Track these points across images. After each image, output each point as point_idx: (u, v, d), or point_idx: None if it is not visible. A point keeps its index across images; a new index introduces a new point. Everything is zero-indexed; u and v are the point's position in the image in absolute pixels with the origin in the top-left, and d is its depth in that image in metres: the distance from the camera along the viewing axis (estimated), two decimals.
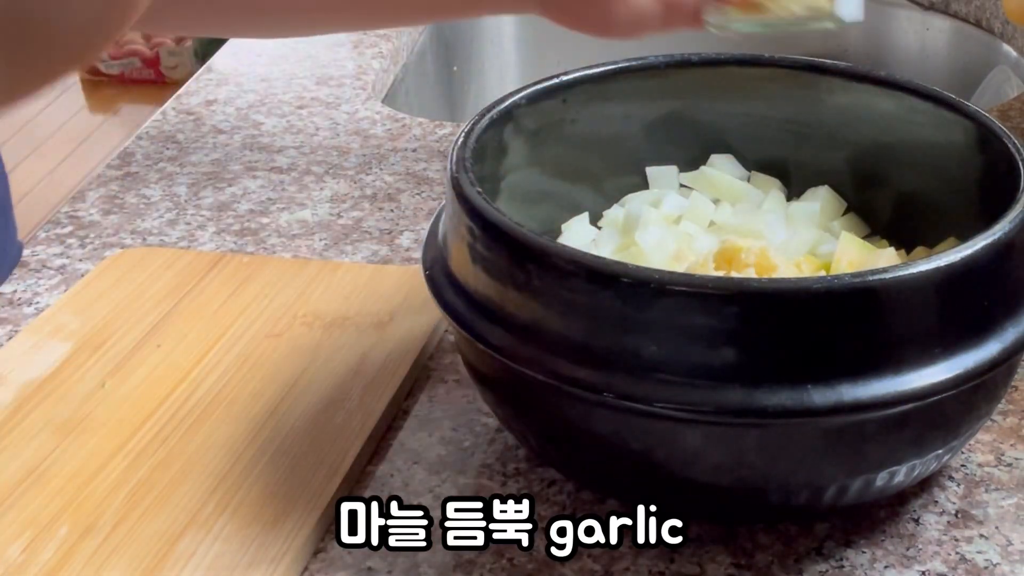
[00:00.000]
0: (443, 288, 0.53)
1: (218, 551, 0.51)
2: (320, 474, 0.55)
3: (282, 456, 0.56)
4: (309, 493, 0.54)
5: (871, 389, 0.46)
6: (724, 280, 0.47)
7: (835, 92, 0.61)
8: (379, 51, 1.07)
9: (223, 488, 0.54)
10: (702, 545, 0.52)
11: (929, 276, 0.46)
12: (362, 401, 0.59)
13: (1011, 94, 1.00)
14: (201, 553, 0.51)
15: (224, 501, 0.54)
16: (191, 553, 0.51)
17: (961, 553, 0.52)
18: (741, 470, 0.48)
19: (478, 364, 0.54)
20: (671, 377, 0.46)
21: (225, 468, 0.55)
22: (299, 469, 0.55)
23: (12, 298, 0.71)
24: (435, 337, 0.65)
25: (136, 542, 0.52)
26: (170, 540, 0.52)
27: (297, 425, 0.58)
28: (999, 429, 0.58)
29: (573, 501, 0.55)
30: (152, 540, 0.52)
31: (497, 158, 0.59)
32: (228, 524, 0.52)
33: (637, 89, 0.62)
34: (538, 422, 0.52)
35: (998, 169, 0.54)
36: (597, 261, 0.47)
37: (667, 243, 0.57)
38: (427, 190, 0.81)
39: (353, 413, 0.58)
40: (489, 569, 0.51)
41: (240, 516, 0.53)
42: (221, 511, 0.53)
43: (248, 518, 0.53)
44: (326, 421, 0.58)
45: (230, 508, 0.53)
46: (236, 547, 0.51)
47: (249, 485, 0.54)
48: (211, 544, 0.51)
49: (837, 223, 0.61)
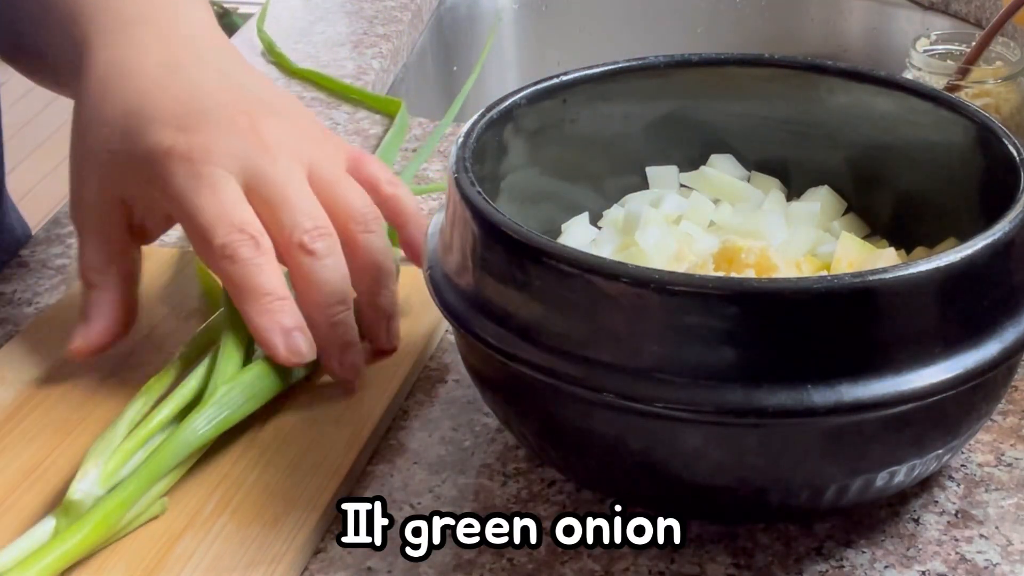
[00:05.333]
0: (443, 288, 0.53)
1: (218, 551, 0.51)
2: (320, 474, 0.55)
3: (282, 456, 0.56)
4: (309, 493, 0.54)
5: (871, 389, 0.46)
6: (724, 280, 0.47)
7: (835, 92, 0.61)
8: (379, 51, 1.07)
9: (223, 488, 0.54)
10: (702, 545, 0.52)
11: (929, 276, 0.46)
12: (363, 401, 0.59)
13: None
14: (201, 553, 0.51)
15: (224, 501, 0.54)
16: (191, 553, 0.51)
17: (961, 553, 0.52)
18: (741, 470, 0.48)
19: (478, 364, 0.54)
20: (671, 377, 0.46)
21: (225, 468, 0.55)
22: (299, 469, 0.55)
23: (12, 298, 0.71)
24: (436, 337, 0.65)
25: (135, 542, 0.52)
26: (170, 540, 0.52)
27: (297, 425, 0.58)
28: (999, 429, 0.58)
29: (573, 501, 0.55)
30: (152, 540, 0.52)
31: (497, 158, 0.59)
32: (228, 524, 0.52)
33: (637, 89, 0.62)
34: (538, 422, 0.52)
35: (998, 169, 0.54)
36: (597, 261, 0.47)
37: (667, 243, 0.57)
38: None
39: (354, 413, 0.58)
40: (489, 569, 0.51)
41: (240, 516, 0.53)
42: (221, 511, 0.53)
43: (248, 518, 0.53)
44: (326, 421, 0.58)
45: (230, 508, 0.53)
46: (236, 547, 0.51)
47: (249, 485, 0.54)
48: (211, 544, 0.51)
49: (837, 223, 0.61)
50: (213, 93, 0.60)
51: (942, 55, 0.82)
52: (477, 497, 0.55)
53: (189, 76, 0.61)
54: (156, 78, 0.60)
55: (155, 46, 0.62)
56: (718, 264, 0.54)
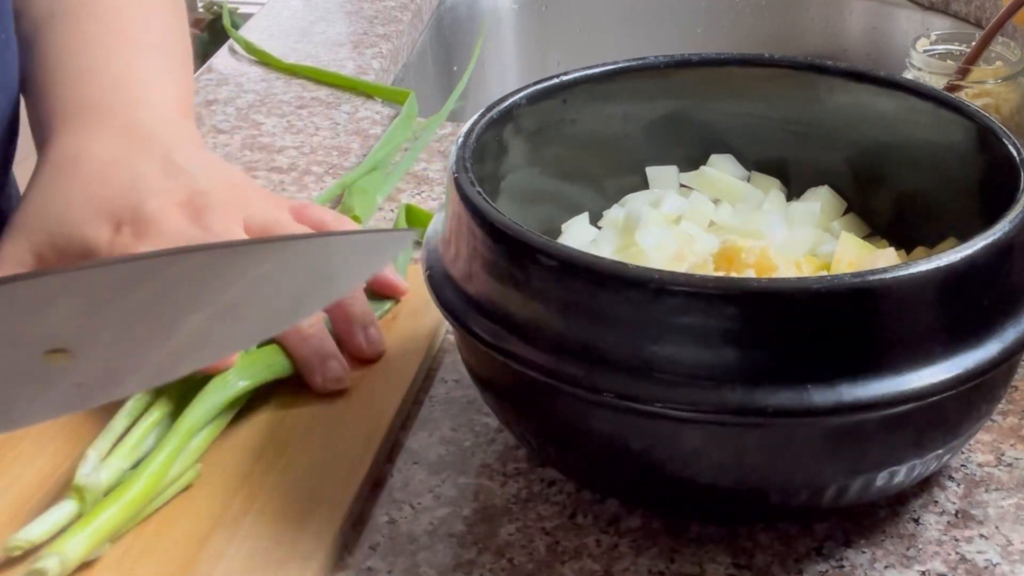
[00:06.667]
0: (443, 288, 0.53)
1: (249, 550, 0.51)
2: (342, 470, 0.55)
3: (301, 455, 0.56)
4: (332, 490, 0.54)
5: (871, 389, 0.46)
6: (724, 280, 0.47)
7: (835, 92, 0.61)
8: (379, 51, 1.07)
9: (246, 488, 0.54)
10: (702, 545, 0.52)
11: (929, 276, 0.46)
12: (374, 399, 0.59)
13: None
14: (232, 552, 0.51)
15: (248, 501, 0.53)
16: (222, 552, 0.51)
17: (961, 553, 0.52)
18: (741, 470, 0.48)
19: (478, 364, 0.54)
20: (671, 377, 0.46)
21: (244, 469, 0.55)
22: (319, 467, 0.55)
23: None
24: (439, 336, 0.65)
25: (164, 543, 0.51)
26: (198, 541, 0.51)
27: (312, 424, 0.58)
28: (999, 429, 0.58)
29: (573, 501, 0.55)
30: (179, 541, 0.51)
31: (497, 158, 0.59)
32: (255, 523, 0.52)
33: (637, 89, 0.62)
34: (538, 422, 0.52)
35: (998, 169, 0.54)
36: (597, 261, 0.47)
37: (667, 243, 0.57)
38: (427, 190, 0.81)
39: (367, 410, 0.58)
40: (489, 569, 0.51)
41: (267, 516, 0.53)
42: (246, 511, 0.53)
43: (275, 517, 0.53)
44: (340, 419, 0.58)
45: (255, 508, 0.53)
46: (267, 545, 0.51)
47: (271, 485, 0.54)
48: (241, 543, 0.51)
49: (837, 223, 0.61)
50: (153, 185, 0.61)
51: (942, 55, 0.82)
52: (477, 497, 0.55)
53: (132, 167, 0.62)
54: (100, 170, 0.62)
55: (106, 134, 0.64)
56: (718, 264, 0.54)
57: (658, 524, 0.53)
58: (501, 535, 0.53)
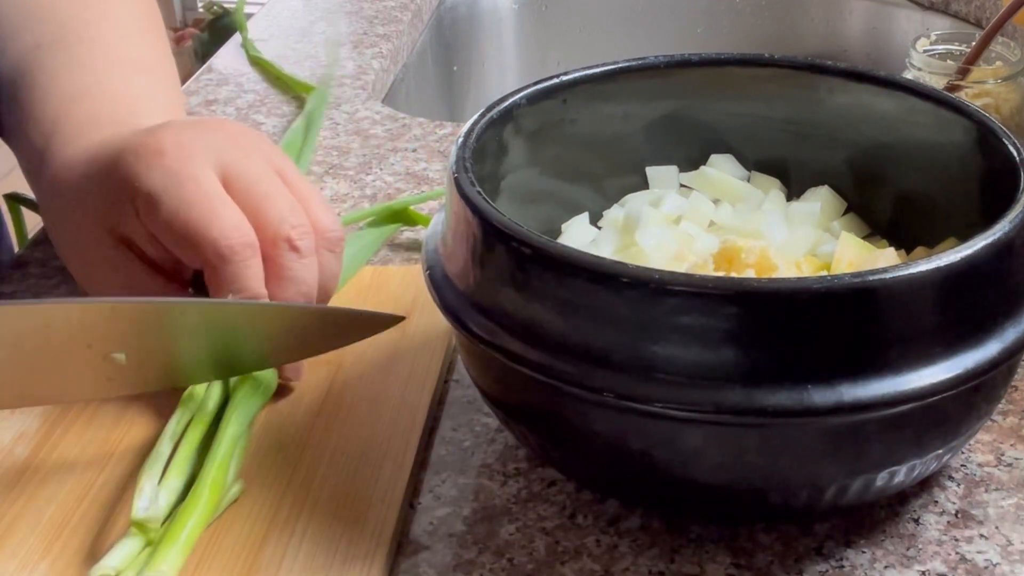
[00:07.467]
0: (443, 288, 0.53)
1: (308, 551, 0.51)
2: (387, 469, 0.55)
3: (341, 455, 0.56)
4: (381, 489, 0.54)
5: (871, 389, 0.46)
6: (724, 280, 0.47)
7: (835, 92, 0.61)
8: (379, 51, 1.07)
9: (292, 491, 0.54)
10: (702, 545, 0.52)
11: (929, 276, 0.46)
12: (405, 397, 0.59)
13: None
14: (291, 555, 0.51)
15: (298, 504, 0.53)
16: (281, 555, 0.51)
17: (961, 553, 0.52)
18: (741, 470, 0.48)
19: (478, 364, 0.54)
20: (671, 377, 0.46)
21: (287, 473, 0.55)
22: (363, 467, 0.55)
23: (12, 298, 0.71)
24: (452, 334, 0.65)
25: (221, 550, 0.51)
26: (254, 546, 0.51)
27: (346, 425, 0.58)
28: (999, 429, 0.58)
29: (573, 501, 0.55)
30: (236, 548, 0.51)
31: (497, 158, 0.59)
32: (309, 525, 0.52)
33: (637, 89, 0.62)
34: (538, 422, 0.52)
35: (998, 169, 0.54)
36: (597, 261, 0.47)
37: (667, 243, 0.57)
38: (427, 190, 0.81)
39: (400, 409, 0.59)
40: (489, 569, 0.51)
41: (319, 517, 0.53)
42: (298, 514, 0.53)
43: (328, 518, 0.53)
44: (376, 419, 0.58)
45: (306, 510, 0.53)
46: (325, 546, 0.51)
47: (318, 486, 0.54)
48: (299, 545, 0.51)
49: (837, 223, 0.61)
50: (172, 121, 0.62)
51: (942, 55, 0.82)
52: (477, 497, 0.55)
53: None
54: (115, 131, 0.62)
55: (108, 129, 0.64)
56: (718, 264, 0.54)
57: (658, 524, 0.53)
58: (501, 535, 0.53)
